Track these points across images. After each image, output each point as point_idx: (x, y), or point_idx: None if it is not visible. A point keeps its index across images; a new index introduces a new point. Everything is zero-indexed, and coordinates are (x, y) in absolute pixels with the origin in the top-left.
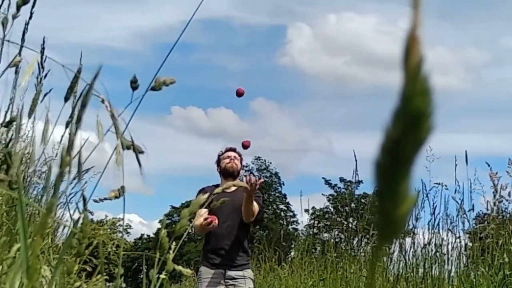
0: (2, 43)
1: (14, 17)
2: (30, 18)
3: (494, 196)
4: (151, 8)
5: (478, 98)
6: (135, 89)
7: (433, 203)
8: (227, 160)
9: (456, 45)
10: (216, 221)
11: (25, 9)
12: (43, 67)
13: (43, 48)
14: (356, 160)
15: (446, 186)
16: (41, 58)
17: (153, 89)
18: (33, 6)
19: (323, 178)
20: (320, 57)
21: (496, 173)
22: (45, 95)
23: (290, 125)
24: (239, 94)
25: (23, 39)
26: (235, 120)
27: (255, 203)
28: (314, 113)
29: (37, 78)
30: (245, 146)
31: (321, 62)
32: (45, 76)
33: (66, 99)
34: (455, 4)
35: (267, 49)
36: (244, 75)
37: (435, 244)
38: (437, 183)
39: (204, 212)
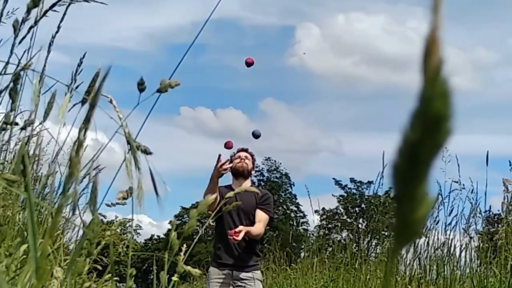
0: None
1: (24, 19)
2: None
3: (505, 199)
4: (161, 9)
5: (487, 99)
6: (142, 91)
7: (451, 205)
8: (238, 160)
9: (465, 45)
10: (227, 163)
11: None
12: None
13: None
14: (383, 163)
15: (464, 185)
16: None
17: (159, 91)
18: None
19: (333, 178)
20: (329, 57)
21: None
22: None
23: (299, 125)
24: (249, 64)
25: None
26: (244, 121)
27: (264, 217)
28: (323, 113)
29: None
30: (228, 147)
31: (329, 63)
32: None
33: (83, 102)
34: (464, 5)
35: (276, 50)
36: (253, 75)
37: (448, 245)
38: (455, 181)
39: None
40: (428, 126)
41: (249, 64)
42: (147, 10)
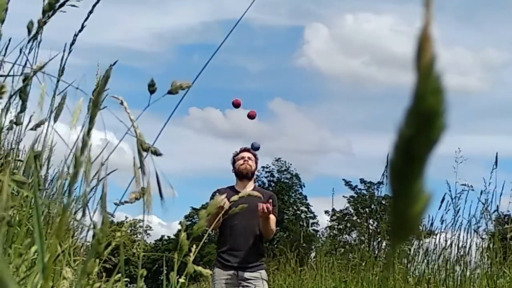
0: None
1: (39, 22)
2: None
3: None
4: (171, 10)
5: (497, 99)
6: (153, 92)
7: (458, 205)
8: (241, 162)
9: (475, 45)
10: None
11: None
12: (62, 72)
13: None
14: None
15: (472, 187)
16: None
17: (170, 92)
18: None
19: (343, 179)
20: (338, 57)
21: None
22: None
23: (309, 126)
24: (236, 105)
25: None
26: (253, 121)
27: (272, 218)
28: (332, 113)
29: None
30: (236, 105)
31: (338, 63)
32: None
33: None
34: (474, 5)
35: (285, 50)
36: (262, 76)
37: (458, 246)
38: (463, 184)
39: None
40: (422, 122)
41: (236, 105)
42: (157, 10)
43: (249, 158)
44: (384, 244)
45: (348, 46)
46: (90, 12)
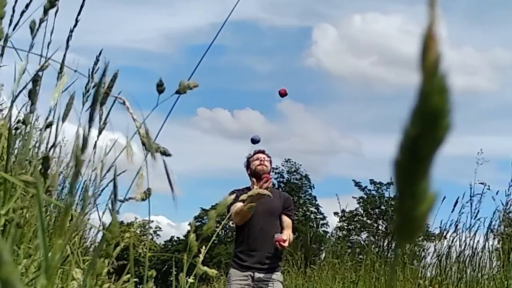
0: (31, 47)
1: (41, 20)
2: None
3: None
4: (180, 11)
5: (506, 99)
6: (161, 92)
7: (475, 207)
8: (257, 162)
9: (483, 45)
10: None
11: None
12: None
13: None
14: None
15: (489, 186)
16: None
17: (178, 92)
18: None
19: (353, 180)
20: (346, 58)
21: None
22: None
23: (318, 126)
24: (282, 94)
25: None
26: (261, 122)
27: (289, 222)
28: (341, 114)
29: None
30: (282, 94)
31: (347, 63)
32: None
33: (102, 103)
34: (482, 5)
35: (293, 51)
36: (271, 77)
37: (471, 247)
38: (481, 183)
39: (240, 204)
40: (427, 121)
41: (282, 95)
42: (166, 11)
43: (264, 159)
44: (393, 244)
45: (356, 46)
46: (81, 6)
